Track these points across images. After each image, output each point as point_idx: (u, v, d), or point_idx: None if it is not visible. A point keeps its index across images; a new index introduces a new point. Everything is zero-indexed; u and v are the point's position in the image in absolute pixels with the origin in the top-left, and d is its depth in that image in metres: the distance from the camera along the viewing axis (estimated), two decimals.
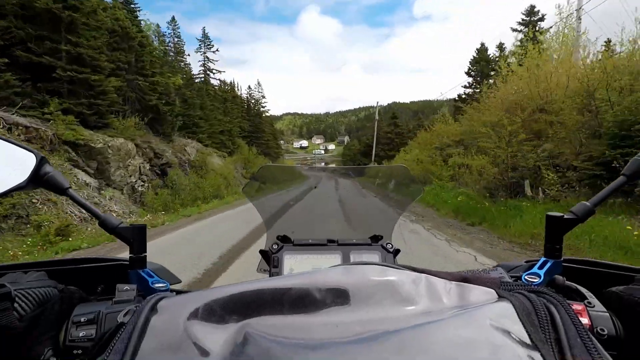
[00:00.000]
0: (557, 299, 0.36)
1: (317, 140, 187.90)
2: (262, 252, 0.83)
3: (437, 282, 0.39)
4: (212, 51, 30.82)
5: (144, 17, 25.80)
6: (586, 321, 0.46)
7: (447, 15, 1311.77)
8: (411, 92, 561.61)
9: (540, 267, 0.52)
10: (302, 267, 0.77)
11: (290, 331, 0.33)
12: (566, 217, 0.52)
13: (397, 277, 0.39)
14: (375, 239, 0.84)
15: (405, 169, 1.24)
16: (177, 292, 0.58)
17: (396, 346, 0.29)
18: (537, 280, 0.50)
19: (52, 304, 0.49)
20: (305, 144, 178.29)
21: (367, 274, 0.39)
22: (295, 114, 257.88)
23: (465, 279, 0.41)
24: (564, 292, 0.53)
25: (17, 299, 0.44)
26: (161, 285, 0.56)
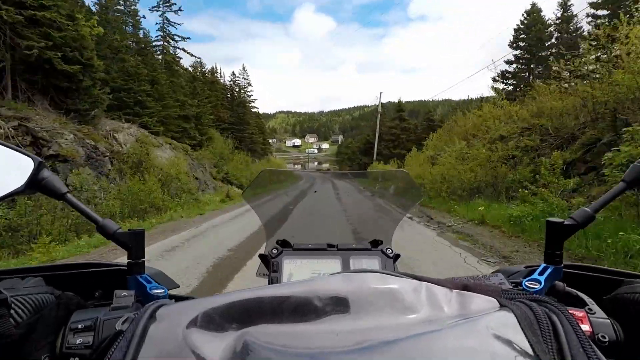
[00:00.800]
0: (559, 308, 0.36)
1: (311, 139, 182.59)
2: (261, 256, 0.82)
3: (438, 290, 0.39)
4: (174, 10, 23.19)
5: None
6: (587, 328, 0.46)
7: (441, 15, 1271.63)
8: (405, 92, 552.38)
9: (540, 273, 0.52)
10: (301, 272, 0.76)
11: (289, 340, 0.32)
12: (566, 223, 0.52)
13: (398, 285, 0.39)
14: (375, 243, 0.82)
15: (405, 174, 1.26)
16: (175, 297, 0.58)
17: (397, 356, 0.29)
18: (537, 286, 0.49)
19: (49, 310, 0.48)
20: (298, 142, 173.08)
21: (367, 282, 0.38)
22: (288, 112, 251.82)
23: (466, 287, 0.41)
24: (565, 298, 0.52)
25: (13, 306, 0.43)
26: (159, 291, 0.55)
